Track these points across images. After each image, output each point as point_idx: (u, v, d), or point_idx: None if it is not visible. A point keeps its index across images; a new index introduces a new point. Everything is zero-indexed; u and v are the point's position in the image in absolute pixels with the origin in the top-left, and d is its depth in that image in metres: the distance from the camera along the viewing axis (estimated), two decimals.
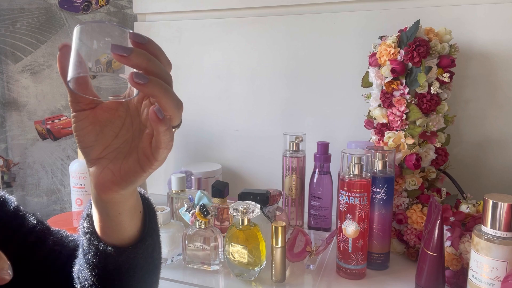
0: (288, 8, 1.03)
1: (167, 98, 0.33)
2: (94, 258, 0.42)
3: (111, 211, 0.40)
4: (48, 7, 1.28)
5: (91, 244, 0.42)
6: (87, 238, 0.42)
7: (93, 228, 0.42)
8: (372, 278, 0.72)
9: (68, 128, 1.26)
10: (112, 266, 0.42)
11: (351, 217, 0.69)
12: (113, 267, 0.42)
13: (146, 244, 0.43)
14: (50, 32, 1.29)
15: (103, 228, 0.41)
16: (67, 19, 1.28)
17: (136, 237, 0.43)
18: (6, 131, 1.27)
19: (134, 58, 0.32)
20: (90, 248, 0.42)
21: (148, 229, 0.44)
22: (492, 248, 0.53)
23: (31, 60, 1.30)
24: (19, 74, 1.30)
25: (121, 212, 0.40)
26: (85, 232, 0.42)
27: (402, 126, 0.80)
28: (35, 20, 1.29)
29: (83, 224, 0.43)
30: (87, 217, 0.43)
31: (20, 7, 1.29)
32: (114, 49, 0.32)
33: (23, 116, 1.26)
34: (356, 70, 0.95)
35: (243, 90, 1.10)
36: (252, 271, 0.69)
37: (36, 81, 1.30)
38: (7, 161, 1.23)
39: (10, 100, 1.28)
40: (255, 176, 1.12)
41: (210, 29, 1.10)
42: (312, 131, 1.01)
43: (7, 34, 1.31)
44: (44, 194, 1.26)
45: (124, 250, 0.42)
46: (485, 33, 0.87)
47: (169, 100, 0.33)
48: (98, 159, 0.38)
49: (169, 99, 0.33)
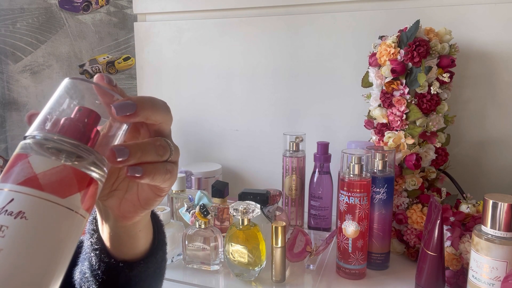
0: (288, 8, 1.03)
1: (158, 176, 0.33)
2: (104, 274, 0.41)
3: (132, 231, 0.39)
4: (48, 7, 1.28)
5: (102, 261, 0.41)
6: (96, 255, 0.41)
7: (102, 245, 0.41)
8: (372, 278, 0.72)
9: None
10: (123, 280, 0.41)
11: (351, 217, 0.69)
12: (124, 281, 0.41)
13: (157, 257, 0.43)
14: (50, 32, 1.29)
15: (118, 245, 0.40)
16: (67, 19, 1.28)
17: (147, 250, 0.43)
18: (6, 131, 1.27)
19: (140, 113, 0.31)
20: (100, 264, 0.41)
21: (158, 241, 0.44)
22: (492, 248, 0.53)
23: (31, 60, 1.30)
24: (19, 74, 1.30)
25: (141, 229, 0.40)
26: (94, 248, 0.41)
27: (402, 126, 0.80)
28: (35, 20, 1.29)
29: (91, 240, 0.42)
30: (94, 232, 0.42)
31: (20, 7, 1.29)
32: (119, 112, 0.30)
33: (23, 116, 1.26)
34: (356, 70, 0.95)
35: (243, 90, 1.10)
36: (252, 271, 0.69)
37: (36, 81, 1.30)
38: (7, 161, 1.23)
39: (10, 100, 1.28)
40: (255, 176, 1.12)
41: (210, 29, 1.10)
42: (312, 131, 1.01)
43: (7, 34, 1.31)
44: None
45: (136, 265, 0.41)
46: (485, 33, 0.87)
47: (160, 177, 0.33)
48: (111, 192, 0.38)
49: (159, 176, 0.33)
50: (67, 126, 0.28)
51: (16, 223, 0.24)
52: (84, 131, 0.29)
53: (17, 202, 0.24)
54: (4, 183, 0.25)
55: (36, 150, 0.27)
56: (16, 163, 0.26)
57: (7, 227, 0.23)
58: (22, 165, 0.26)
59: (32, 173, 0.25)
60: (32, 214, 0.24)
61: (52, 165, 0.26)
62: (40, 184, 0.25)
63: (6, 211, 0.24)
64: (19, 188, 0.25)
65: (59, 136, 0.28)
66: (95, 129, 0.29)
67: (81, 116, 0.29)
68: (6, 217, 0.24)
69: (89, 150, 0.29)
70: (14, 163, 0.26)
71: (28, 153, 0.26)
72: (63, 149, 0.27)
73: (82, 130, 0.28)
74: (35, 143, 0.27)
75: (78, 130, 0.28)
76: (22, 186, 0.25)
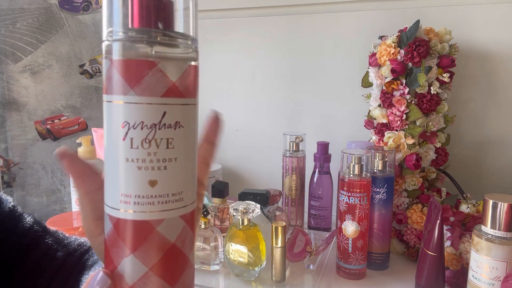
0: (288, 8, 1.03)
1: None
2: None
3: None
4: (48, 7, 1.28)
5: None
6: None
7: None
8: (372, 278, 0.72)
9: (68, 128, 1.26)
10: None
11: (351, 217, 0.69)
12: None
13: None
14: (50, 32, 1.29)
15: None
16: (67, 19, 1.28)
17: None
18: (6, 131, 1.27)
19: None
20: None
21: None
22: (492, 248, 0.53)
23: (31, 60, 1.30)
24: (19, 74, 1.30)
25: None
26: None
27: (402, 126, 0.80)
28: (35, 20, 1.29)
29: None
30: None
31: (20, 7, 1.29)
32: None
33: (23, 116, 1.26)
34: (356, 70, 0.95)
35: (243, 90, 1.10)
36: (252, 271, 0.69)
37: (36, 81, 1.30)
38: (7, 161, 1.23)
39: (10, 100, 1.28)
40: (255, 176, 1.12)
41: (210, 29, 1.10)
42: (312, 131, 1.01)
43: (7, 34, 1.31)
44: (44, 194, 1.26)
45: None
46: (485, 33, 0.87)
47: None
48: None
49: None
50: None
51: (177, 133, 0.26)
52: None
53: (170, 115, 0.25)
54: (141, 96, 0.25)
55: (163, 55, 0.25)
56: (146, 72, 0.25)
57: (172, 139, 0.26)
58: (156, 74, 0.25)
59: (170, 82, 0.25)
60: (185, 121, 0.26)
61: (183, 69, 0.26)
62: (180, 92, 0.26)
63: (164, 125, 0.25)
64: (166, 100, 0.25)
65: (167, 31, 0.26)
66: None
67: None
68: (167, 130, 0.25)
69: (191, 37, 0.28)
70: (143, 72, 0.25)
71: (156, 60, 0.25)
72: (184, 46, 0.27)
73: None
74: (160, 46, 0.25)
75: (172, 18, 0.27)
76: (168, 98, 0.25)
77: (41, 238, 0.48)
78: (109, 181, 0.26)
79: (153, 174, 0.25)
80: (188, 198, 0.27)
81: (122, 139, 0.25)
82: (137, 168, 0.25)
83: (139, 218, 0.25)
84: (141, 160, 0.25)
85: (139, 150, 0.25)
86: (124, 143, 0.25)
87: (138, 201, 0.25)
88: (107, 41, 0.26)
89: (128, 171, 0.25)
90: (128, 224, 0.25)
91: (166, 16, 0.26)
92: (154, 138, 0.25)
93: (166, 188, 0.26)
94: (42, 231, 0.49)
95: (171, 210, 0.26)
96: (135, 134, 0.25)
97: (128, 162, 0.25)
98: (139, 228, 0.25)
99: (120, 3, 0.25)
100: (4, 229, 0.46)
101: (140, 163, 0.25)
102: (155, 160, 0.25)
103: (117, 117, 0.25)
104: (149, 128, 0.25)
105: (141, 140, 0.25)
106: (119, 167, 0.25)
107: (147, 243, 0.25)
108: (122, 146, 0.25)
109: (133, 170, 0.25)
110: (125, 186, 0.25)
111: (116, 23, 0.26)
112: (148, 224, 0.25)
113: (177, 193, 0.26)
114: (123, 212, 0.25)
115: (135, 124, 0.25)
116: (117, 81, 0.25)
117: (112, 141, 0.26)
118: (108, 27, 0.26)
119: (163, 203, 0.26)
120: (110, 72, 0.25)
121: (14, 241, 0.46)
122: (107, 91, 0.26)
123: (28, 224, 0.48)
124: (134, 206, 0.25)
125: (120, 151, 0.25)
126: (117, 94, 0.25)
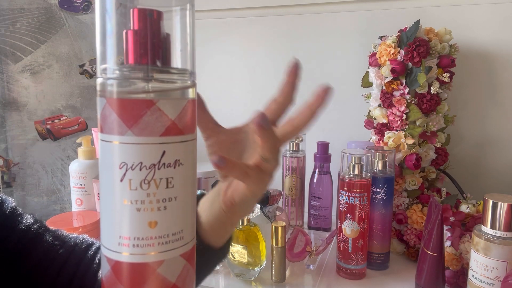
0: (288, 8, 1.03)
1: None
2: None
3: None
4: (48, 7, 1.28)
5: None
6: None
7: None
8: (372, 278, 0.72)
9: (68, 128, 1.26)
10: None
11: (351, 217, 0.69)
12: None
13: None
14: (50, 32, 1.29)
15: (214, 234, 0.42)
16: (67, 19, 1.28)
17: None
18: (6, 131, 1.27)
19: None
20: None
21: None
22: (492, 248, 0.53)
23: (31, 60, 1.30)
24: (19, 74, 1.30)
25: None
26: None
27: (402, 126, 0.80)
28: (35, 20, 1.29)
29: None
30: None
31: (20, 7, 1.29)
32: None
33: (23, 116, 1.26)
34: (356, 70, 0.95)
35: (243, 90, 1.10)
36: (252, 271, 0.69)
37: (36, 81, 1.30)
38: (7, 161, 1.23)
39: (10, 100, 1.28)
40: None
41: (210, 29, 1.10)
42: (312, 131, 1.01)
43: (7, 34, 1.31)
44: (44, 194, 1.26)
45: (216, 252, 0.43)
46: (485, 33, 0.87)
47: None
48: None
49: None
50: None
51: (177, 171, 0.25)
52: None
53: (169, 154, 0.25)
54: (140, 137, 0.24)
55: (161, 93, 0.25)
56: (144, 112, 0.24)
57: (172, 178, 0.25)
58: (154, 113, 0.24)
59: (169, 121, 0.24)
60: (184, 158, 0.26)
61: (181, 106, 0.25)
62: (180, 129, 0.25)
63: (164, 165, 0.25)
64: (165, 139, 0.24)
65: (167, 68, 0.26)
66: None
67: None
68: (167, 170, 0.25)
69: (189, 71, 0.27)
70: (141, 112, 0.24)
71: (154, 99, 0.24)
72: (181, 82, 0.26)
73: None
74: (157, 83, 0.25)
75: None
76: (167, 137, 0.25)
77: (42, 236, 0.49)
78: (106, 222, 0.25)
79: (153, 215, 0.25)
80: (188, 235, 0.26)
81: (119, 180, 0.24)
82: (136, 210, 0.24)
83: (138, 261, 0.24)
84: (140, 201, 0.24)
85: (138, 191, 0.24)
86: (122, 184, 0.24)
87: (137, 243, 0.24)
88: (101, 78, 0.25)
89: (126, 213, 0.24)
90: (127, 267, 0.25)
91: (163, 52, 0.25)
92: (154, 178, 0.24)
93: (166, 228, 0.25)
94: (43, 230, 0.49)
95: (172, 250, 0.25)
96: (134, 175, 0.24)
97: (126, 204, 0.24)
98: (139, 270, 0.25)
99: (115, 39, 0.24)
100: (6, 228, 0.46)
101: (139, 205, 0.24)
102: (154, 200, 0.24)
103: (114, 157, 0.24)
104: (148, 168, 0.24)
105: (140, 181, 0.24)
106: (117, 208, 0.24)
107: (147, 286, 0.25)
108: (120, 187, 0.24)
109: (131, 212, 0.24)
110: (124, 228, 0.24)
111: (111, 60, 0.24)
112: (147, 267, 0.25)
113: (177, 232, 0.25)
114: (122, 254, 0.25)
115: (133, 165, 0.24)
116: (113, 121, 0.24)
117: (109, 181, 0.25)
118: (102, 64, 0.25)
119: (163, 244, 0.25)
120: (105, 111, 0.24)
121: (15, 240, 0.47)
122: (102, 130, 0.25)
123: (28, 224, 0.49)
124: (133, 249, 0.24)
125: (117, 193, 0.24)
126: (114, 134, 0.24)
